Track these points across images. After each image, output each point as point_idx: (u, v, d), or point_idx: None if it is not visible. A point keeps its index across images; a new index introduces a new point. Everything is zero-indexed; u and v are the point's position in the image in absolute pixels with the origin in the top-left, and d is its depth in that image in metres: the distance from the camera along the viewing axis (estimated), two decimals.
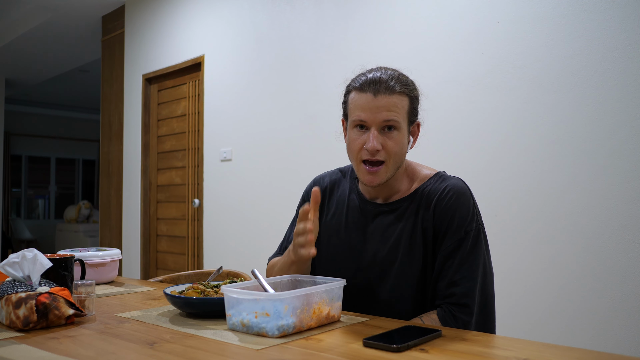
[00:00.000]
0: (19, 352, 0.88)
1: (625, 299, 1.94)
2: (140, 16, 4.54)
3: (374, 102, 1.16)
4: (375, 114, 1.16)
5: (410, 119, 1.21)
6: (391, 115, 1.16)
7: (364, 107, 1.17)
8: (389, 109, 1.16)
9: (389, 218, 1.26)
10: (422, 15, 2.60)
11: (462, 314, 1.14)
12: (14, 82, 7.43)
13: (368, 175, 1.20)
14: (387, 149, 1.18)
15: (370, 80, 1.18)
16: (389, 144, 1.18)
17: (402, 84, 1.19)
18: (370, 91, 1.17)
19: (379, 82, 1.17)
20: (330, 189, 1.39)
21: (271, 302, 0.95)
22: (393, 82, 1.18)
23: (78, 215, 7.81)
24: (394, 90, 1.17)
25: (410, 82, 1.23)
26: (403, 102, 1.18)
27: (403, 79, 1.21)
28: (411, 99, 1.20)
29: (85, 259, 1.57)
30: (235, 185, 3.61)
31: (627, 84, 1.98)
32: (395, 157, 1.20)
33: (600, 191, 2.03)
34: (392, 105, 1.16)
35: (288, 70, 3.26)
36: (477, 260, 1.18)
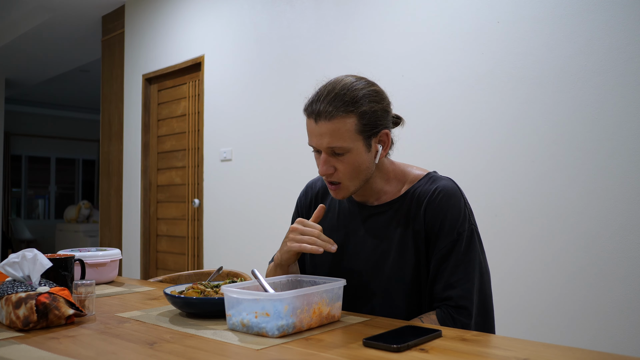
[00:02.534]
0: (19, 352, 0.88)
1: (625, 298, 1.94)
2: (140, 16, 4.54)
3: (317, 129, 1.14)
4: (319, 140, 1.15)
5: (366, 135, 1.15)
6: (333, 142, 1.13)
7: (310, 133, 1.17)
8: (330, 135, 1.12)
9: (379, 220, 1.26)
10: (422, 15, 2.60)
11: (460, 316, 1.14)
12: (14, 82, 7.43)
13: (332, 191, 1.22)
14: (339, 171, 1.17)
15: (310, 105, 1.16)
16: (340, 167, 1.16)
17: (344, 103, 1.12)
18: (312, 117, 1.15)
19: (317, 108, 1.13)
20: (322, 193, 1.40)
21: (271, 302, 0.95)
22: (332, 106, 1.12)
23: (78, 215, 7.81)
24: (332, 115, 1.11)
25: (362, 95, 1.13)
26: (347, 124, 1.12)
27: (347, 98, 1.12)
28: (360, 115, 1.13)
29: (85, 259, 1.57)
30: (235, 185, 3.61)
31: (627, 84, 1.98)
32: (350, 176, 1.17)
33: (600, 191, 2.03)
34: (334, 131, 1.12)
35: (288, 70, 3.26)
36: (473, 261, 1.18)
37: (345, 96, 1.13)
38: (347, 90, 1.14)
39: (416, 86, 2.60)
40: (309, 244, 1.14)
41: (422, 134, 2.57)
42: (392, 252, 1.22)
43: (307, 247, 1.13)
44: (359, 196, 1.30)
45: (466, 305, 1.15)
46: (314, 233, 1.15)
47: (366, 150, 1.17)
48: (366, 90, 1.16)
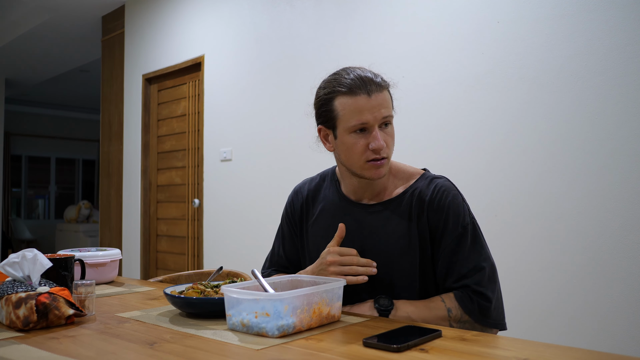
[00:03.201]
0: (19, 352, 0.88)
1: (625, 298, 1.94)
2: (140, 16, 4.54)
3: (371, 102, 1.15)
4: (374, 113, 1.15)
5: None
6: (387, 111, 1.17)
7: (362, 109, 1.15)
8: (384, 105, 1.17)
9: (378, 219, 1.25)
10: (422, 15, 2.60)
11: (479, 298, 1.17)
12: (14, 82, 7.43)
13: (375, 169, 1.19)
14: (387, 144, 1.19)
15: (358, 82, 1.17)
16: (388, 139, 1.19)
17: (381, 79, 1.20)
18: (364, 92, 1.16)
19: (368, 81, 1.17)
20: (312, 196, 1.39)
21: (271, 302, 0.95)
22: (378, 78, 1.19)
23: (78, 215, 7.81)
24: (382, 85, 1.18)
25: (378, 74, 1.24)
26: (387, 95, 1.20)
27: (380, 75, 1.22)
28: (388, 91, 1.22)
29: (85, 259, 1.57)
30: (235, 185, 3.61)
31: (627, 84, 1.98)
32: (392, 150, 1.22)
33: (600, 191, 2.03)
34: (386, 101, 1.18)
35: (288, 70, 3.26)
36: (481, 252, 1.21)
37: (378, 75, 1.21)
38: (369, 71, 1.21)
39: (416, 86, 2.60)
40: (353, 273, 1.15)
41: (422, 134, 2.57)
42: (393, 249, 1.22)
43: (352, 279, 1.14)
44: (354, 194, 1.30)
45: (482, 291, 1.17)
46: (353, 261, 1.16)
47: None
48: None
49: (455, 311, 1.15)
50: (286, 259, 1.43)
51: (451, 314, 1.15)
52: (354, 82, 1.17)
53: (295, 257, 1.42)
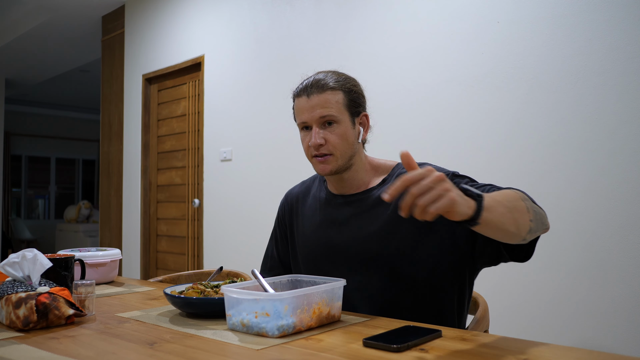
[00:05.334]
0: (19, 352, 0.88)
1: (625, 298, 1.94)
2: (140, 16, 4.54)
3: (309, 103, 1.26)
4: (311, 113, 1.25)
5: (351, 111, 1.27)
6: (325, 112, 1.24)
7: (302, 110, 1.27)
8: (322, 106, 1.24)
9: (359, 204, 1.29)
10: (422, 15, 2.60)
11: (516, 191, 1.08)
12: (14, 82, 7.43)
13: (320, 164, 1.27)
14: (329, 142, 1.25)
15: (303, 85, 1.29)
16: (331, 137, 1.25)
17: (333, 80, 1.27)
18: (305, 94, 1.27)
19: (310, 84, 1.27)
20: (301, 198, 1.45)
21: (271, 302, 0.95)
22: (323, 81, 1.26)
23: (78, 215, 7.81)
24: (324, 87, 1.25)
25: (344, 78, 1.29)
26: (337, 96, 1.25)
27: (335, 77, 1.28)
28: (346, 92, 1.26)
29: (85, 259, 1.57)
30: (235, 185, 3.61)
31: (627, 84, 1.98)
32: (341, 148, 1.25)
33: (600, 191, 2.03)
34: (325, 102, 1.24)
35: (288, 70, 3.26)
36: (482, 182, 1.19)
37: (332, 77, 1.28)
38: (332, 73, 1.29)
39: (416, 86, 2.60)
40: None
41: (422, 134, 2.57)
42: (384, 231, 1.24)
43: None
44: (337, 188, 1.34)
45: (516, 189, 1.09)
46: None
47: (351, 126, 1.27)
48: (347, 76, 1.31)
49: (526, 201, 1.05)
50: (279, 261, 1.48)
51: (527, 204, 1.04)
52: (301, 86, 1.29)
53: (287, 259, 1.46)
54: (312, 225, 1.36)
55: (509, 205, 0.98)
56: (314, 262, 1.34)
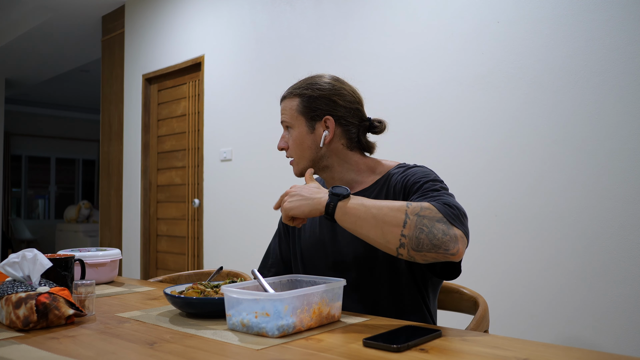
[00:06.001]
0: (19, 352, 0.88)
1: (625, 298, 1.94)
2: (140, 16, 4.54)
3: (281, 108, 1.37)
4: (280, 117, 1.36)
5: (308, 116, 1.31)
6: (282, 118, 1.35)
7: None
8: (282, 112, 1.35)
9: None
10: (422, 15, 2.60)
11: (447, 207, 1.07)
12: (14, 82, 7.43)
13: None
14: (289, 147, 1.35)
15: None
16: (289, 142, 1.34)
17: (297, 87, 1.34)
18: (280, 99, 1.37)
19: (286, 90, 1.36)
20: None
21: (271, 302, 0.95)
22: (291, 88, 1.35)
23: (78, 215, 7.81)
24: (288, 94, 1.35)
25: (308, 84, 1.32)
26: (292, 103, 1.33)
27: (301, 83, 1.34)
28: (302, 97, 1.31)
29: (85, 259, 1.57)
30: (235, 185, 3.61)
31: (627, 84, 1.98)
32: (296, 151, 1.33)
33: (600, 191, 2.03)
34: (284, 109, 1.34)
35: (288, 70, 3.26)
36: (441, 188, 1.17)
37: (300, 83, 1.35)
38: (305, 79, 1.35)
39: (416, 86, 2.60)
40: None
41: (422, 134, 2.57)
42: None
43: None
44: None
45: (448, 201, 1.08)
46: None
47: (308, 130, 1.31)
48: (318, 81, 1.33)
49: (416, 205, 1.05)
50: (281, 259, 1.49)
51: (409, 206, 1.05)
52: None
53: (289, 257, 1.48)
54: (313, 224, 1.39)
55: (378, 216, 1.05)
56: (311, 261, 1.36)
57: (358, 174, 1.34)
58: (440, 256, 1.03)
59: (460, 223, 1.06)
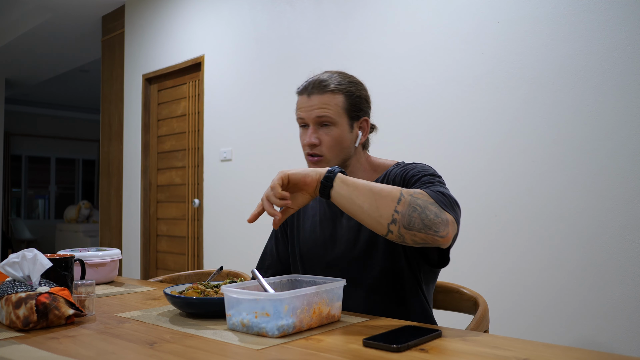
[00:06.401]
0: (19, 352, 0.88)
1: (625, 298, 1.94)
2: (140, 16, 4.54)
3: (309, 102, 1.27)
4: (309, 112, 1.27)
5: (350, 115, 1.28)
6: (322, 112, 1.25)
7: (301, 107, 1.29)
8: (320, 107, 1.26)
9: None
10: (422, 15, 2.60)
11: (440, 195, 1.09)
12: (14, 82, 7.43)
13: (311, 164, 1.28)
14: (323, 143, 1.26)
15: (306, 83, 1.30)
16: (325, 139, 1.26)
17: (336, 83, 1.27)
18: (305, 92, 1.28)
19: (311, 83, 1.28)
20: None
21: (271, 302, 0.95)
22: (326, 82, 1.27)
23: (78, 215, 7.81)
24: (325, 89, 1.26)
25: (348, 81, 1.29)
26: (336, 99, 1.26)
27: (339, 79, 1.28)
28: (347, 95, 1.27)
29: (85, 259, 1.57)
30: (235, 185, 3.61)
31: (627, 84, 1.98)
32: (333, 150, 1.27)
33: (600, 191, 2.03)
34: (324, 103, 1.26)
35: (288, 70, 3.26)
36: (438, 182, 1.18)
37: (336, 79, 1.29)
38: (337, 75, 1.30)
39: (416, 86, 2.60)
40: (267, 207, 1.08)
41: (422, 134, 2.57)
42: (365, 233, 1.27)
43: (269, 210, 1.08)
44: None
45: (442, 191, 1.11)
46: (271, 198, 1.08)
47: (349, 129, 1.28)
48: (352, 79, 1.31)
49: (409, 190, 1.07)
50: (278, 260, 1.49)
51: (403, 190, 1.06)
52: (303, 84, 1.30)
53: (287, 258, 1.47)
54: (313, 224, 1.38)
55: (374, 189, 1.06)
56: (312, 261, 1.36)
57: (363, 174, 1.35)
58: (429, 238, 1.04)
59: (452, 210, 1.08)
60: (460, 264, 2.36)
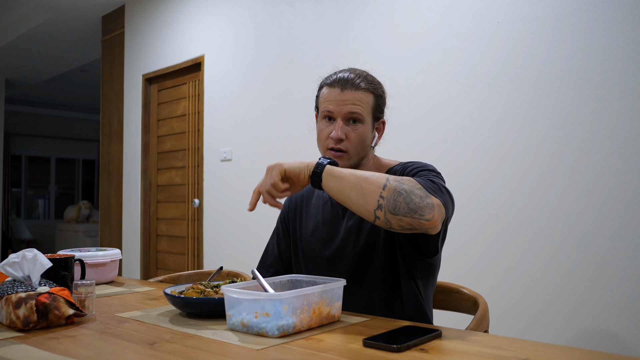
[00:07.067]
0: (19, 352, 0.88)
1: (625, 298, 1.94)
2: (140, 16, 4.54)
3: (341, 96, 1.27)
4: (341, 106, 1.26)
5: (375, 115, 1.30)
6: (355, 109, 1.26)
7: (331, 100, 1.28)
8: (353, 103, 1.26)
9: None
10: (422, 15, 2.60)
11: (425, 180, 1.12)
12: (14, 82, 7.43)
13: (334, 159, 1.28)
14: (350, 139, 1.27)
15: (339, 77, 1.29)
16: (352, 135, 1.27)
17: (368, 82, 1.29)
18: (338, 86, 1.28)
19: (346, 79, 1.28)
20: (307, 197, 1.47)
21: (271, 302, 0.95)
22: (359, 80, 1.28)
23: (78, 215, 7.81)
24: (359, 86, 1.27)
25: (377, 82, 1.32)
26: (368, 98, 1.28)
27: (370, 79, 1.31)
28: (376, 97, 1.30)
29: (85, 259, 1.57)
30: (235, 185, 3.61)
31: (627, 84, 1.98)
32: (357, 148, 1.28)
33: (600, 191, 2.03)
34: (357, 100, 1.27)
35: (288, 70, 3.26)
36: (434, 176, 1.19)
37: (369, 77, 1.31)
38: (369, 75, 1.32)
39: (416, 86, 2.60)
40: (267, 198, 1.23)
41: (422, 134, 2.57)
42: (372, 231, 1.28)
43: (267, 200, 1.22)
44: None
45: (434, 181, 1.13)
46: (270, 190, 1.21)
47: (371, 129, 1.31)
48: (377, 80, 1.33)
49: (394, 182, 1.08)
50: (280, 259, 1.49)
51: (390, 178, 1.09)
52: (337, 77, 1.30)
53: (289, 257, 1.48)
54: (316, 223, 1.39)
55: (360, 178, 1.10)
56: (315, 262, 1.36)
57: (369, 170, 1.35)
58: (415, 222, 1.05)
59: (439, 194, 1.10)
60: (460, 264, 2.36)
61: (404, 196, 1.05)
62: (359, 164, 1.31)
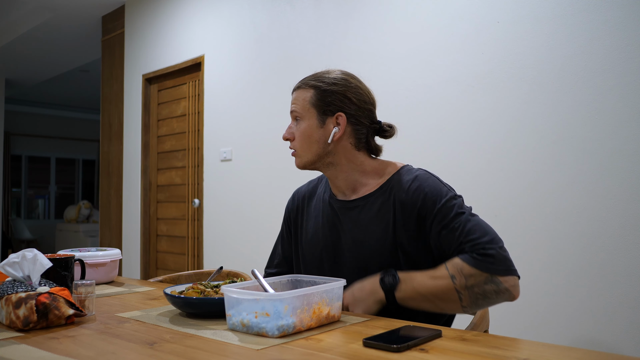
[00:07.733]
0: (19, 352, 0.88)
1: (625, 298, 1.94)
2: (140, 16, 4.54)
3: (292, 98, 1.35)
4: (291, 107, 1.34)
5: (321, 109, 1.28)
6: (293, 107, 1.33)
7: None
8: (293, 103, 1.33)
9: (357, 212, 1.30)
10: (422, 15, 2.60)
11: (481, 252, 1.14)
12: (14, 82, 7.43)
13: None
14: (295, 138, 1.32)
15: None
16: (296, 134, 1.32)
17: (312, 78, 1.31)
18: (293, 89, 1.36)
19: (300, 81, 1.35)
20: (308, 197, 1.46)
21: (271, 302, 0.95)
22: (306, 79, 1.32)
23: (78, 215, 7.81)
24: (300, 86, 1.33)
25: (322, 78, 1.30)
26: (306, 94, 1.30)
27: (318, 75, 1.31)
28: (319, 91, 1.29)
29: (85, 259, 1.57)
30: (235, 185, 3.61)
31: (627, 84, 1.98)
32: (303, 145, 1.31)
33: (600, 191, 2.03)
34: (295, 99, 1.33)
35: (288, 70, 3.26)
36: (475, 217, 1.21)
37: (316, 75, 1.33)
38: (322, 72, 1.33)
39: (416, 86, 2.60)
40: None
41: (422, 134, 2.57)
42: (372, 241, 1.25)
43: None
44: (337, 190, 1.35)
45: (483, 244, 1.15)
46: None
47: (318, 124, 1.29)
48: (335, 75, 1.31)
49: (460, 277, 1.12)
50: (284, 259, 1.49)
51: (455, 281, 1.13)
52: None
53: (292, 257, 1.48)
54: (316, 225, 1.38)
55: (430, 297, 1.15)
56: (315, 263, 1.36)
57: (363, 176, 1.32)
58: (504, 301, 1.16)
59: (505, 268, 1.14)
60: None
61: (482, 299, 1.13)
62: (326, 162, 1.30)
